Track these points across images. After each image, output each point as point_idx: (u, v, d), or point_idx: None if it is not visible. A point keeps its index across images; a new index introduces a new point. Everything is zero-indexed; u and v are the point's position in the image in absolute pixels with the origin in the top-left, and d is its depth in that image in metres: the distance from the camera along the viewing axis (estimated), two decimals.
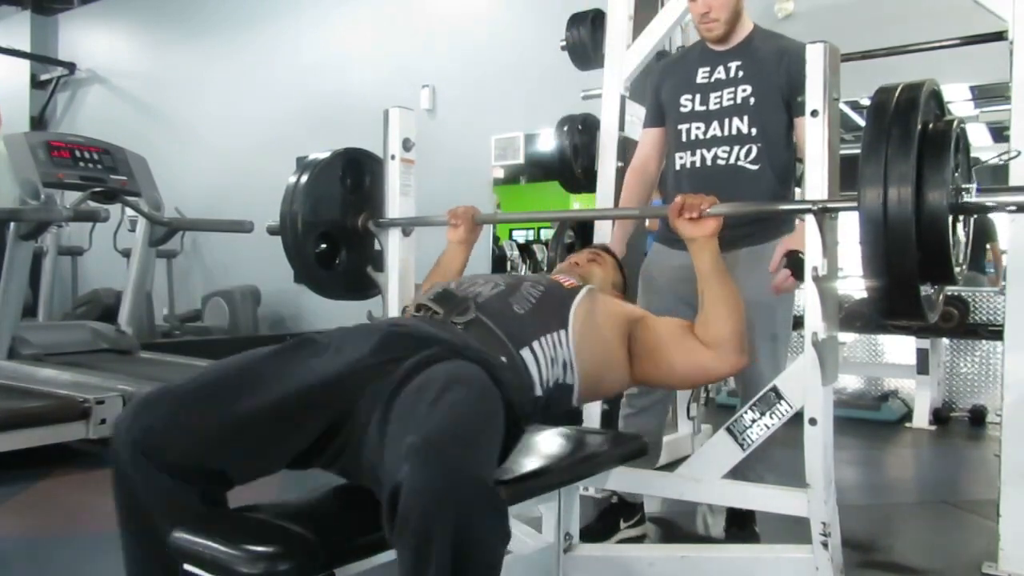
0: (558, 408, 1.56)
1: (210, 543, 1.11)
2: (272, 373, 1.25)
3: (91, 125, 7.27)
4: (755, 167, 2.11)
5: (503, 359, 1.41)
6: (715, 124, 2.16)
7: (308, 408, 1.24)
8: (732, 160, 2.13)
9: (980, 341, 4.18)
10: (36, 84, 8.32)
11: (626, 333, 1.62)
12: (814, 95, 1.59)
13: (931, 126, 1.38)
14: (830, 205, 1.57)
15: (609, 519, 2.36)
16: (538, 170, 5.48)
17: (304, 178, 2.27)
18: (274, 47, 6.76)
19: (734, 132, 2.13)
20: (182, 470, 1.18)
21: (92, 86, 8.18)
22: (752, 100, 2.11)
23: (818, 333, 1.61)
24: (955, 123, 1.40)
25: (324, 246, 2.35)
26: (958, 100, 4.32)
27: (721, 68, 2.17)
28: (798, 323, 1.77)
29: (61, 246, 5.73)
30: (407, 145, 2.33)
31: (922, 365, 4.05)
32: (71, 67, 8.24)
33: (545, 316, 1.54)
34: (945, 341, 4.22)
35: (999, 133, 4.23)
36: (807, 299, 1.64)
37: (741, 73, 2.14)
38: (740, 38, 2.17)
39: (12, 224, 3.09)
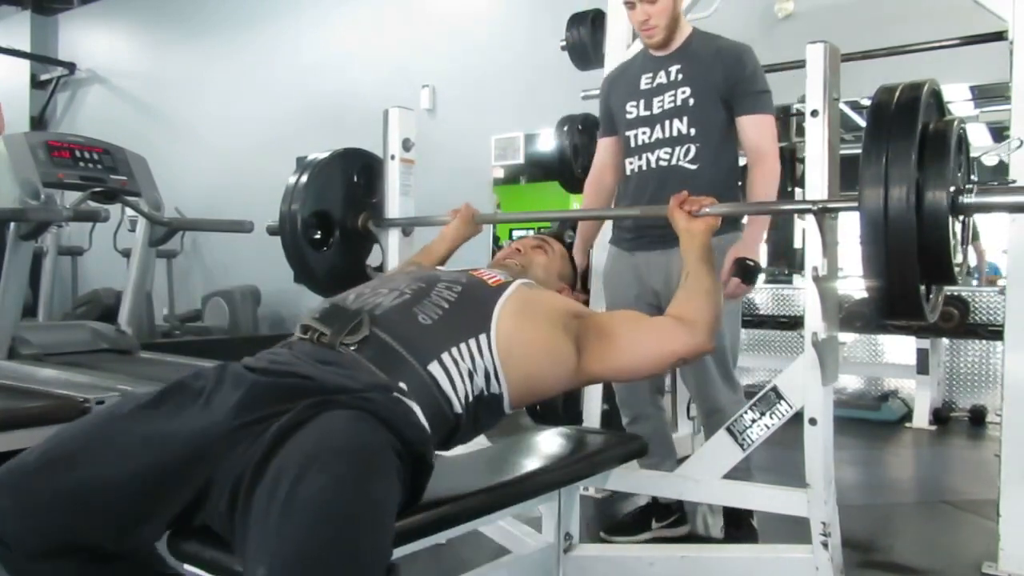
0: (490, 419, 1.43)
1: (210, 543, 1.11)
2: (130, 439, 1.15)
3: (91, 125, 7.27)
4: (693, 167, 2.15)
5: (402, 385, 1.25)
6: (658, 127, 2.20)
7: (165, 478, 1.12)
8: (673, 161, 2.17)
9: (980, 341, 4.18)
10: (36, 84, 8.31)
11: (568, 325, 1.45)
12: (814, 95, 1.59)
13: (931, 126, 1.38)
14: (830, 205, 1.57)
15: (641, 518, 2.38)
16: (538, 170, 5.47)
17: (303, 178, 2.28)
18: (274, 47, 6.75)
19: (675, 133, 2.17)
20: (52, 551, 1.10)
21: (92, 86, 8.18)
22: (691, 101, 2.15)
23: (818, 333, 1.62)
24: (955, 123, 1.40)
25: (318, 234, 2.36)
26: (958, 100, 4.33)
27: (663, 72, 2.21)
28: (798, 323, 1.77)
29: (61, 246, 5.71)
30: (407, 145, 2.34)
31: (922, 365, 4.05)
32: (71, 67, 8.22)
33: (459, 322, 1.37)
34: (945, 341, 4.21)
35: (999, 133, 4.23)
36: (807, 299, 1.64)
37: (681, 76, 2.17)
38: (679, 42, 2.21)
39: (12, 224, 3.08)
